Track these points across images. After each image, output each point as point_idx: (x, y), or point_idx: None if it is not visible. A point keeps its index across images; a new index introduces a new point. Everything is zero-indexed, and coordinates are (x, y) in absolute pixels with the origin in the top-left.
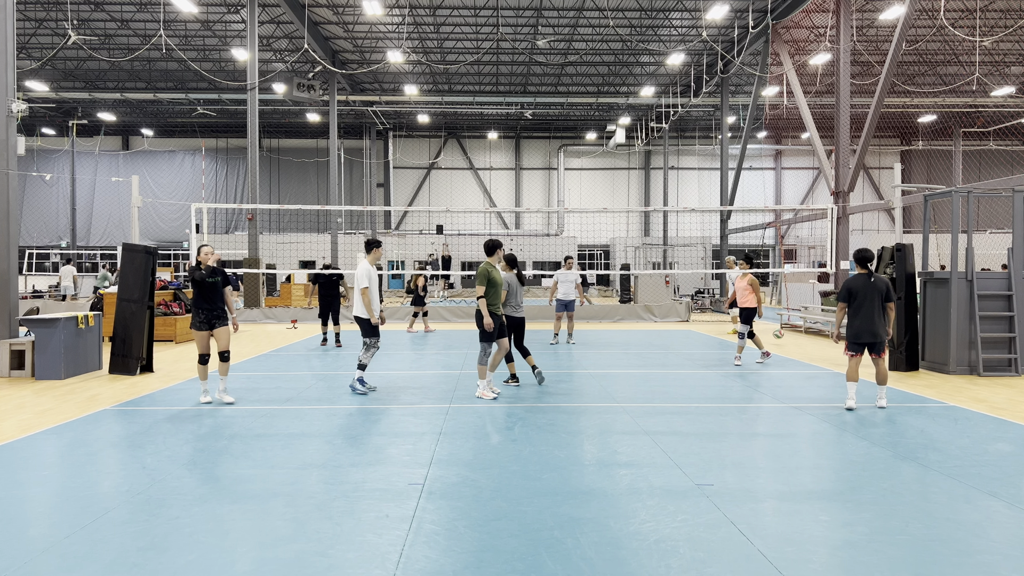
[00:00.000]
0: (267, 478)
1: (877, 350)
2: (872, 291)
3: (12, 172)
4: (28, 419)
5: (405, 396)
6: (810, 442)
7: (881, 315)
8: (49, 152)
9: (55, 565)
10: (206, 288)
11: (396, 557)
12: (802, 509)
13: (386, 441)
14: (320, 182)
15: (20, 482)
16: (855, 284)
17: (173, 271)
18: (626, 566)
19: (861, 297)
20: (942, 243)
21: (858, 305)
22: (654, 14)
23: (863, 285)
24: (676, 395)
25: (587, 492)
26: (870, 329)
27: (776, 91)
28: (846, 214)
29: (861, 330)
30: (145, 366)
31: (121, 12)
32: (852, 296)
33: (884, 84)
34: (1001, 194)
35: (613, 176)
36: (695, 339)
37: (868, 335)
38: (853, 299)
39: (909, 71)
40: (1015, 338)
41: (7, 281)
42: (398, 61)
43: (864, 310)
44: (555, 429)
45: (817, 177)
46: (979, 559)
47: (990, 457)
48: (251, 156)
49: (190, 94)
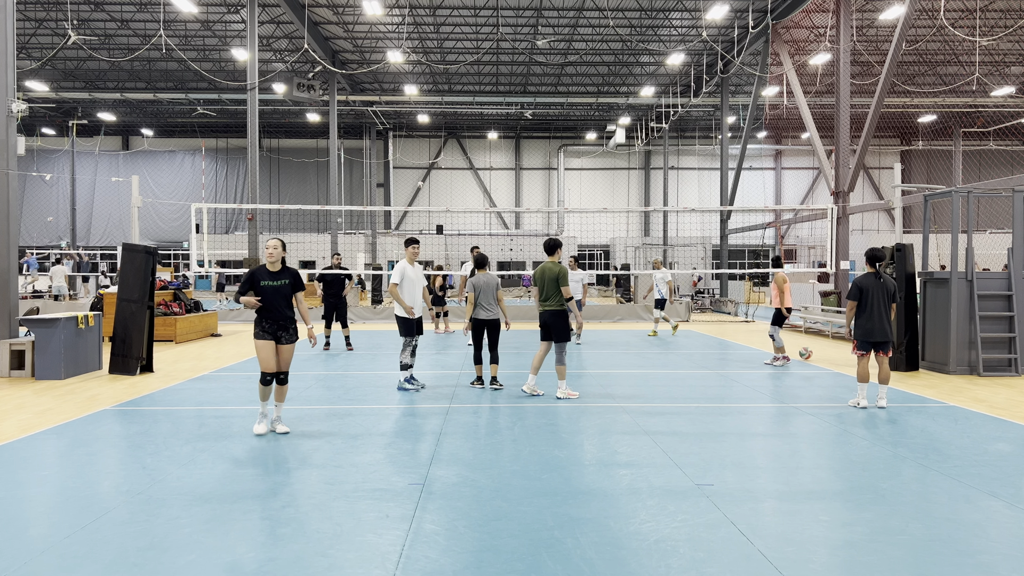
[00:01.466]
0: (267, 478)
1: (885, 349)
2: (881, 290)
3: (12, 172)
4: (28, 419)
5: (405, 396)
6: (810, 442)
7: (889, 314)
8: (49, 152)
9: (55, 565)
10: (267, 293)
11: (396, 557)
12: (802, 509)
13: (386, 441)
14: (320, 182)
15: (20, 482)
16: (865, 283)
17: (173, 271)
18: (626, 566)
19: (872, 296)
20: (942, 243)
21: (868, 304)
22: (654, 14)
23: (873, 284)
24: (676, 395)
25: (587, 492)
26: (881, 328)
27: (776, 91)
28: (846, 214)
29: (873, 329)
30: (145, 366)
31: (121, 12)
32: (863, 294)
33: (884, 84)
34: (1001, 194)
35: (613, 176)
36: (695, 339)
37: (880, 334)
38: (864, 298)
39: (909, 71)
40: (1015, 338)
41: (7, 281)
42: (398, 61)
43: (875, 309)
44: (555, 429)
45: (817, 177)
46: (979, 559)
47: (990, 457)
48: (251, 156)
49: (190, 94)
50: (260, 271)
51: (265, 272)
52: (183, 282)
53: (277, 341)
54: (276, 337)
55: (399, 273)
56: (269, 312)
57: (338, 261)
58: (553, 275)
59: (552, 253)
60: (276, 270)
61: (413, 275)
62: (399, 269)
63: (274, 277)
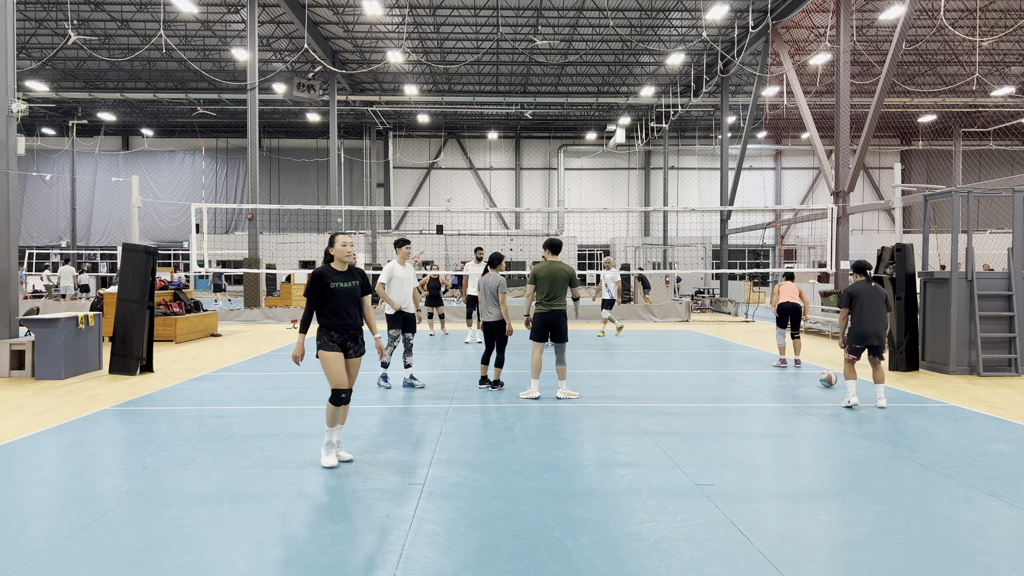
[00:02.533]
0: (267, 478)
1: (879, 352)
2: (875, 294)
3: (12, 172)
4: (28, 419)
5: (405, 396)
6: (810, 442)
7: (883, 318)
8: (49, 152)
9: (55, 565)
10: (339, 297)
11: (396, 557)
12: (802, 509)
13: (386, 441)
14: (320, 182)
15: (20, 482)
16: (857, 289)
17: (173, 271)
18: (626, 566)
19: (865, 301)
20: (942, 243)
21: (863, 309)
22: (654, 14)
23: (865, 289)
24: (676, 395)
25: (587, 492)
26: (876, 331)
27: (776, 91)
28: (846, 214)
29: (868, 333)
30: (145, 366)
31: (121, 12)
32: (854, 300)
33: (884, 84)
34: (1001, 194)
35: (613, 176)
36: (695, 339)
37: (874, 337)
38: (856, 303)
39: (909, 71)
40: (1015, 338)
41: (7, 281)
42: (398, 61)
43: (869, 313)
44: (555, 429)
45: (817, 177)
46: (979, 559)
47: (990, 457)
48: (251, 156)
49: (190, 94)
50: (328, 272)
51: (334, 272)
52: (183, 282)
53: (346, 354)
54: (345, 349)
55: (387, 273)
56: (339, 319)
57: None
58: (565, 275)
59: (558, 253)
60: (345, 270)
61: (402, 275)
62: (388, 269)
63: (344, 278)
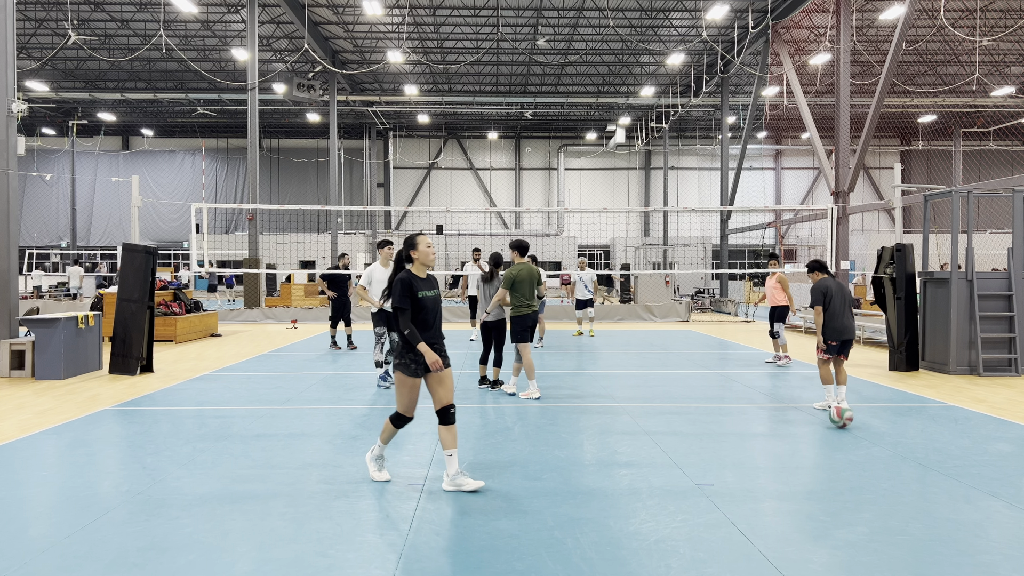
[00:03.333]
0: (267, 478)
1: (847, 350)
2: (843, 289)
3: (12, 172)
4: (28, 419)
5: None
6: (810, 442)
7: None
8: (49, 152)
9: (55, 565)
10: (428, 307)
11: (396, 557)
12: (802, 509)
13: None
14: (320, 182)
15: (20, 482)
16: (828, 285)
17: (173, 271)
18: (626, 566)
19: (837, 297)
20: (942, 243)
21: (836, 305)
22: (654, 14)
23: (835, 285)
24: (676, 395)
25: (587, 492)
26: (851, 326)
27: (776, 91)
28: (846, 214)
29: (844, 327)
30: (145, 366)
31: (121, 12)
32: (826, 296)
33: (884, 84)
34: (1001, 194)
35: (613, 176)
36: (695, 339)
37: (849, 332)
38: (828, 298)
39: (909, 71)
40: (1015, 338)
41: (7, 281)
42: (398, 61)
43: (842, 309)
44: (555, 429)
45: (817, 177)
46: (979, 559)
47: (990, 457)
48: (251, 156)
49: (190, 94)
50: (414, 279)
51: (419, 280)
52: (183, 283)
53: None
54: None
55: (367, 277)
56: (430, 330)
57: (346, 262)
58: (537, 276)
59: (525, 254)
60: (425, 276)
61: (382, 277)
62: (367, 273)
63: (429, 286)
